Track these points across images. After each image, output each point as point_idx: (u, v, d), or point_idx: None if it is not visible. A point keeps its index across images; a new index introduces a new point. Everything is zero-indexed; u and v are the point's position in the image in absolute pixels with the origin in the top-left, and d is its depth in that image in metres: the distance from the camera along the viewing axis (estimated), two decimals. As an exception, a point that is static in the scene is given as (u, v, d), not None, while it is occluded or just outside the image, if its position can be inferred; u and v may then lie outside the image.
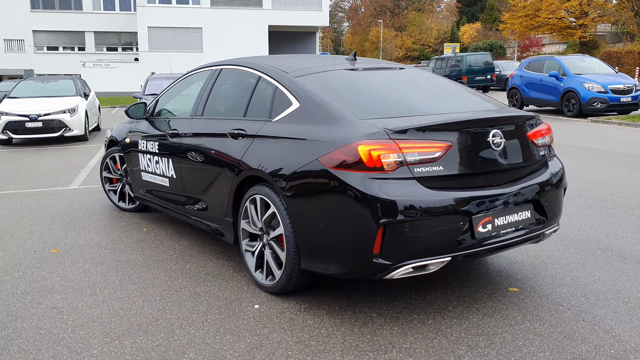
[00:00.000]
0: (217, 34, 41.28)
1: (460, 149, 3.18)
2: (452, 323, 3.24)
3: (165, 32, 40.92)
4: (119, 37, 45.13)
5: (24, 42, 43.39)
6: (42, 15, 43.18)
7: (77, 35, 44.34)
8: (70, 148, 11.64)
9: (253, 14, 41.79)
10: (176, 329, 3.20)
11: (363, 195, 2.99)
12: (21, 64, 42.35)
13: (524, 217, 3.42)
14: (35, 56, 43.47)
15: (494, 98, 4.07)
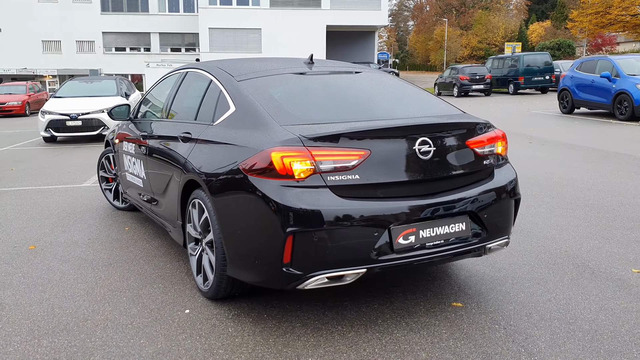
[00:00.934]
0: (275, 34, 41.79)
1: (380, 157, 3.05)
2: (372, 337, 3.12)
3: (225, 33, 41.83)
4: (183, 38, 46.48)
5: (94, 44, 45.46)
6: (111, 18, 45.10)
7: (143, 37, 46.03)
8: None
9: (311, 14, 42.02)
10: (98, 331, 3.24)
11: (272, 203, 2.93)
12: (91, 64, 44.44)
13: (457, 230, 3.25)
14: (104, 57, 45.45)
15: (452, 104, 3.89)
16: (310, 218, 2.90)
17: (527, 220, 5.37)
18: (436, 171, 3.20)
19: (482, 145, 3.42)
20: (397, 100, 3.73)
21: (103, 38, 45.40)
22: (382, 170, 3.05)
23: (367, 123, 3.16)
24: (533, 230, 5.04)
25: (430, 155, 3.16)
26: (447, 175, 3.25)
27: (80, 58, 45.14)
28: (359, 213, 2.96)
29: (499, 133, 3.57)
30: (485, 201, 3.33)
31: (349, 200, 2.97)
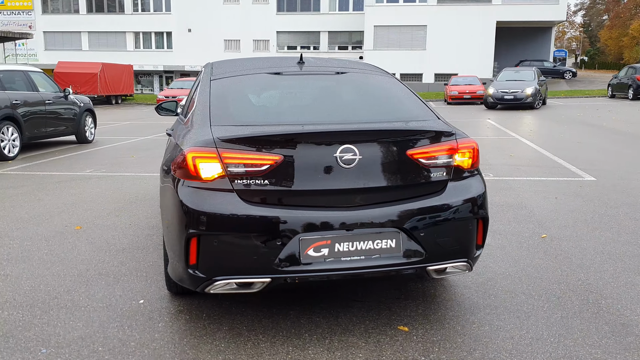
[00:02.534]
0: (441, 31, 40.90)
1: (296, 164, 2.88)
2: (287, 350, 2.98)
3: (390, 30, 41.92)
4: (350, 36, 47.46)
5: (269, 43, 48.32)
6: (285, 18, 47.58)
7: (313, 35, 47.86)
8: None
9: (481, 10, 40.36)
10: (53, 310, 3.49)
11: (181, 204, 2.93)
12: (265, 62, 47.25)
13: (384, 247, 2.95)
14: (276, 55, 48.06)
15: (433, 111, 3.54)
16: (213, 221, 2.85)
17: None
18: (362, 182, 2.94)
19: (429, 156, 3.06)
20: (356, 105, 3.48)
21: (277, 37, 48.07)
22: (296, 177, 2.89)
23: (286, 127, 3.01)
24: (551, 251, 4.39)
25: (355, 164, 2.92)
26: (375, 187, 2.97)
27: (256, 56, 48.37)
28: (263, 220, 2.84)
29: (460, 143, 3.17)
30: (424, 218, 2.99)
31: (256, 207, 2.86)
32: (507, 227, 5.26)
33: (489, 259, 4.36)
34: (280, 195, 2.90)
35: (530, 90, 22.37)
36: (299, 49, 48.19)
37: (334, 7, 47.27)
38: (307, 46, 48.18)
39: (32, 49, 47.83)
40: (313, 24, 47.37)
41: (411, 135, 3.05)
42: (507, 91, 22.55)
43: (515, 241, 4.82)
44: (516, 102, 22.45)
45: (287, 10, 47.88)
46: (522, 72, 24.39)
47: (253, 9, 47.62)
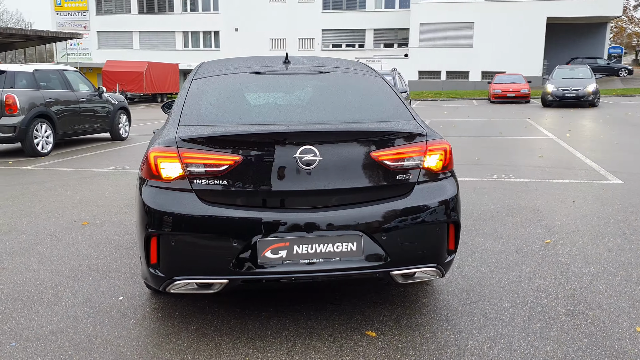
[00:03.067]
0: (489, 28, 40.08)
1: (255, 164, 2.85)
2: (247, 352, 2.96)
3: (436, 27, 41.38)
4: (396, 33, 47.03)
5: (314, 41, 48.42)
6: (330, 16, 47.57)
7: (358, 33, 47.68)
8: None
9: (530, 6, 39.32)
10: (35, 304, 3.59)
11: (142, 203, 2.96)
12: (310, 60, 47.39)
13: (345, 250, 2.89)
14: (321, 53, 48.12)
15: (411, 111, 3.44)
16: (171, 221, 2.85)
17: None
18: (322, 183, 2.88)
19: (395, 158, 2.97)
20: (330, 105, 3.41)
21: (322, 35, 48.12)
22: (255, 178, 2.86)
23: (247, 127, 2.99)
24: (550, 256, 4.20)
25: (315, 165, 2.87)
26: (337, 188, 2.91)
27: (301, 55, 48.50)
28: (219, 221, 2.83)
29: (430, 145, 3.07)
30: (388, 222, 2.91)
31: (213, 207, 2.86)
32: (512, 231, 5.09)
33: (482, 264, 4.22)
34: (239, 196, 2.88)
35: (592, 88, 22.15)
36: (344, 47, 48.13)
37: (379, 5, 46.92)
38: (352, 44, 48.04)
39: (86, 48, 49.53)
40: (358, 22, 47.17)
41: (376, 137, 2.98)
42: (568, 89, 22.26)
43: (516, 246, 4.65)
44: (577, 100, 22.17)
45: (333, 8, 47.84)
46: (577, 69, 23.89)
47: (299, 7, 47.80)
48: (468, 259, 4.34)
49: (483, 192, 6.73)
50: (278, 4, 47.91)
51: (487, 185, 7.19)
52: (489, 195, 6.57)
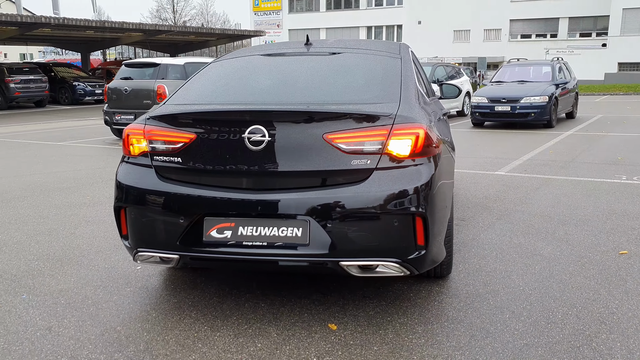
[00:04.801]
0: None
1: (207, 143, 2.87)
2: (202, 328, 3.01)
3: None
4: (594, 21, 42.75)
5: (501, 32, 46.07)
6: (520, 5, 44.84)
7: (551, 22, 44.28)
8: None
9: None
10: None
11: (116, 177, 3.14)
12: (495, 52, 45.35)
13: (289, 235, 2.77)
14: (508, 44, 45.69)
15: (400, 95, 3.15)
16: (132, 195, 3.00)
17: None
18: (271, 165, 2.79)
19: (351, 141, 2.75)
20: (317, 86, 3.25)
21: (510, 26, 45.56)
22: (207, 156, 2.88)
23: (205, 106, 3.00)
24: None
25: (263, 146, 2.78)
26: (285, 171, 2.79)
27: (486, 46, 46.44)
28: (171, 197, 2.90)
29: (397, 129, 2.77)
30: (337, 209, 2.72)
31: (167, 183, 2.94)
32: (590, 237, 4.40)
33: (520, 270, 3.74)
34: (191, 174, 2.92)
35: None
36: (534, 38, 45.06)
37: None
38: (544, 34, 44.75)
39: (278, 45, 52.97)
40: (551, 10, 43.73)
41: (332, 118, 2.79)
42: None
43: (577, 254, 4.02)
44: None
45: (530, -4, 45.01)
46: None
47: (486, -3, 45.83)
48: (507, 263, 3.86)
49: (591, 194, 5.88)
50: (464, -5, 46.44)
51: (605, 186, 6.27)
52: (596, 198, 5.73)
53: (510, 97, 12.16)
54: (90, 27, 21.75)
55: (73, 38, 25.83)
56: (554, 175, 6.97)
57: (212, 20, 68.85)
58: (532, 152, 9.05)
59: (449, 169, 3.28)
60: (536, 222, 4.85)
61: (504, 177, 6.96)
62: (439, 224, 2.95)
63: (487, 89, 12.99)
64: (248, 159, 2.81)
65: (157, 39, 27.03)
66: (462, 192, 6.09)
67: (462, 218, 5.04)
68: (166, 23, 60.75)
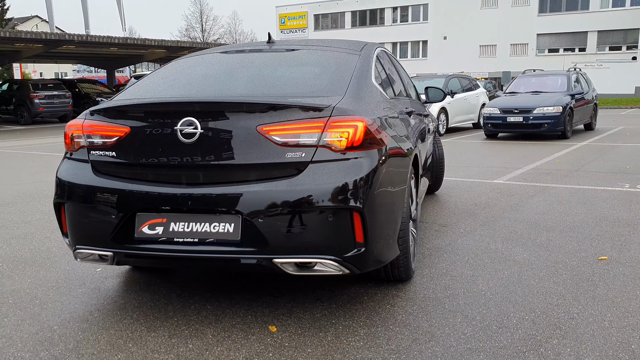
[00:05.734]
0: None
1: (140, 136, 2.80)
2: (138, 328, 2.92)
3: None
4: (624, 35, 41.96)
5: (527, 46, 45.55)
6: (547, 19, 44.35)
7: (579, 36, 43.64)
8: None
9: None
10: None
11: (56, 174, 3.10)
12: (521, 67, 44.75)
13: (221, 231, 2.67)
14: (535, 59, 45.10)
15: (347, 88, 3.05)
16: (68, 191, 2.95)
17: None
18: (203, 158, 2.71)
19: (285, 133, 2.65)
20: (263, 80, 3.18)
21: (537, 40, 45.02)
22: (140, 150, 2.81)
23: (140, 99, 2.94)
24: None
25: (195, 138, 2.70)
26: (217, 164, 2.70)
27: (513, 61, 45.91)
28: (104, 192, 2.84)
29: (335, 121, 2.66)
30: (270, 204, 2.62)
31: (101, 178, 2.88)
32: (571, 244, 4.19)
33: (488, 274, 3.56)
34: (124, 168, 2.86)
35: None
36: (562, 52, 44.41)
37: (606, 4, 42.34)
38: (572, 48, 44.08)
39: (304, 62, 53.34)
40: (579, 24, 43.10)
41: (268, 110, 2.69)
42: None
43: (553, 260, 3.83)
44: None
45: (551, 10, 44.52)
46: None
47: (512, 12, 45.45)
48: (476, 268, 3.69)
49: (587, 202, 5.64)
50: (490, 10, 46.15)
51: (604, 194, 6.01)
52: (591, 205, 5.49)
53: (522, 108, 11.89)
54: (113, 44, 22.18)
55: (98, 55, 26.39)
56: (554, 184, 6.73)
57: (239, 39, 69.74)
58: (538, 161, 8.80)
59: (401, 167, 3.15)
60: (520, 229, 4.65)
61: (501, 185, 6.75)
62: (381, 220, 2.82)
63: (500, 100, 12.74)
64: (180, 152, 2.73)
65: (180, 55, 27.43)
66: (452, 199, 5.91)
67: (444, 224, 4.87)
68: (196, 41, 61.81)
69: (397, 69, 4.56)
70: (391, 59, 4.50)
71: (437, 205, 5.66)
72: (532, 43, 45.25)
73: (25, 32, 19.32)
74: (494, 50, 46.75)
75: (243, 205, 2.64)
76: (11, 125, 20.92)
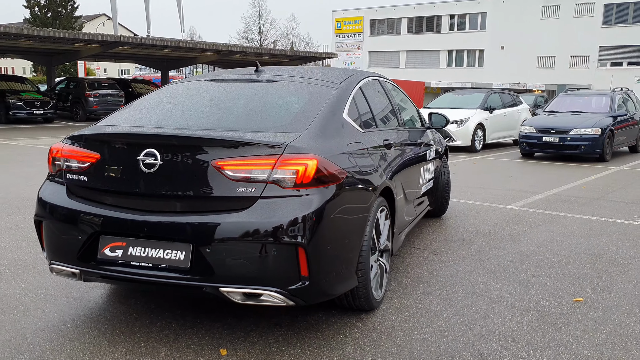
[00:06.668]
0: None
1: (108, 163, 3.02)
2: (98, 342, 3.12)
3: None
4: (694, 49, 40.04)
5: (589, 59, 44.14)
6: (611, 31, 42.87)
7: (644, 50, 41.93)
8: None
9: None
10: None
11: (38, 193, 3.35)
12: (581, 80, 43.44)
13: (173, 258, 2.84)
14: (597, 72, 43.68)
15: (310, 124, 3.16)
16: (45, 210, 3.20)
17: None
18: (161, 188, 2.89)
19: (237, 169, 2.80)
20: (233, 112, 3.34)
21: (599, 52, 43.55)
22: (107, 176, 3.02)
23: (110, 128, 3.16)
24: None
25: (155, 169, 2.89)
26: (174, 194, 2.87)
27: (572, 73, 44.56)
28: (73, 214, 3.06)
29: (286, 159, 2.78)
30: (218, 235, 2.77)
31: (73, 200, 3.11)
32: (553, 282, 4.15)
33: (451, 309, 3.59)
34: (93, 192, 3.07)
35: None
36: (626, 65, 42.81)
37: (678, 17, 40.56)
38: (637, 62, 42.40)
39: (358, 67, 53.44)
40: (645, 37, 41.44)
41: (223, 145, 2.85)
42: None
43: (525, 298, 3.81)
44: None
45: (616, 22, 43.01)
46: None
47: (574, 22, 44.14)
48: (446, 302, 3.72)
49: (592, 235, 5.53)
50: (550, 20, 44.98)
51: (614, 227, 5.86)
52: (594, 239, 5.38)
53: (559, 128, 11.62)
54: (166, 47, 22.94)
55: (154, 56, 27.34)
56: (567, 213, 6.60)
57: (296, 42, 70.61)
58: (563, 185, 8.61)
59: (362, 202, 3.23)
60: (509, 262, 4.63)
61: (512, 211, 6.67)
62: (330, 255, 2.92)
63: (537, 119, 12.48)
64: (141, 181, 2.92)
65: (232, 59, 28.06)
66: (454, 225, 5.90)
67: (435, 251, 4.89)
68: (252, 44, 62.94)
69: (391, 98, 4.62)
70: (384, 88, 4.57)
71: (436, 230, 5.67)
72: (593, 55, 43.81)
73: (83, 33, 20.29)
74: (553, 62, 45.53)
75: (194, 235, 2.80)
76: (66, 121, 21.96)
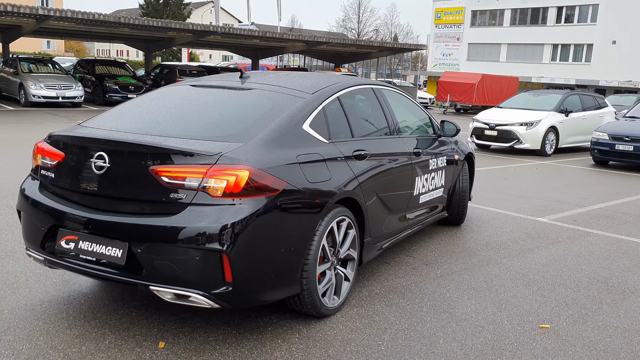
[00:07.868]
0: None
1: (69, 163, 3.31)
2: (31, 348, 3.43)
3: None
4: None
5: None
6: None
7: None
8: (506, 158, 12.08)
9: None
10: None
11: (21, 185, 3.71)
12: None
13: (112, 254, 3.07)
14: None
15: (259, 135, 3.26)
16: (22, 201, 3.57)
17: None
18: (107, 188, 3.13)
19: (172, 176, 2.97)
20: (195, 119, 3.51)
21: None
22: (67, 174, 3.32)
23: (77, 131, 3.43)
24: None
25: (104, 171, 3.13)
26: (116, 196, 3.10)
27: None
28: (40, 207, 3.39)
29: (218, 169, 2.93)
30: (148, 236, 2.98)
31: (42, 195, 3.44)
32: (526, 305, 3.99)
33: (412, 324, 3.58)
34: (56, 188, 3.39)
35: None
36: None
37: None
38: None
39: (456, 59, 52.16)
40: None
41: (161, 152, 3.03)
42: None
43: (489, 320, 3.70)
44: None
45: None
46: None
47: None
48: (406, 316, 3.71)
49: (609, 258, 5.20)
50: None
51: (617, 247, 5.47)
52: (609, 262, 5.06)
53: (635, 136, 10.82)
54: (254, 37, 23.66)
55: (243, 45, 28.24)
56: (600, 230, 6.22)
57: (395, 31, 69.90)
58: (617, 200, 8.07)
59: (306, 212, 3.30)
60: (499, 279, 4.49)
61: (540, 224, 6.38)
62: (258, 263, 3.05)
63: (613, 125, 11.68)
64: (92, 181, 3.18)
65: (320, 49, 28.39)
66: (468, 235, 5.76)
67: (429, 262, 4.83)
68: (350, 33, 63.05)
69: (385, 108, 4.57)
70: (378, 97, 4.55)
71: (444, 239, 5.57)
72: None
73: (175, 22, 21.41)
74: (672, 59, 41.93)
75: (129, 235, 3.02)
76: (159, 105, 23.31)
